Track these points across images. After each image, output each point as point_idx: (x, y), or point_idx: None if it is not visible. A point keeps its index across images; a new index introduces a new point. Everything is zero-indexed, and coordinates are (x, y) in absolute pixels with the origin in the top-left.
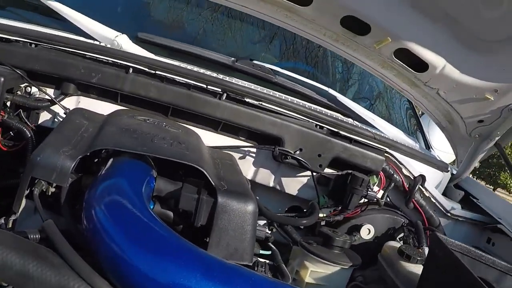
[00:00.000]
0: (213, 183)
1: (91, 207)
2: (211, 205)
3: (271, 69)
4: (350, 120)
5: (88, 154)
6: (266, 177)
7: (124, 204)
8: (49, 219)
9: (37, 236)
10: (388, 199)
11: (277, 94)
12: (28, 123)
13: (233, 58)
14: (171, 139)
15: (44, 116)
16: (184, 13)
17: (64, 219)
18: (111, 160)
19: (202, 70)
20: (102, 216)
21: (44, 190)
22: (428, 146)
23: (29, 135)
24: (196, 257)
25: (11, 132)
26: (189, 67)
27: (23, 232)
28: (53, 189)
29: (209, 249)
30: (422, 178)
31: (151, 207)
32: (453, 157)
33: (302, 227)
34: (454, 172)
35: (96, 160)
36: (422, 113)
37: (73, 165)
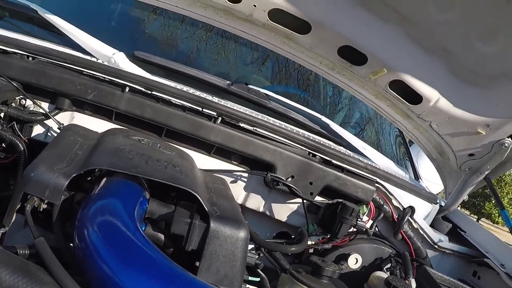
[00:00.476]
0: (206, 208)
1: (83, 226)
2: (203, 230)
3: (266, 94)
4: (342, 149)
5: (82, 172)
6: (257, 202)
7: (116, 225)
8: (40, 236)
9: (26, 251)
10: (377, 229)
11: (271, 120)
12: (21, 136)
13: (228, 82)
14: (166, 161)
15: (38, 130)
16: (179, 32)
17: (55, 236)
18: (104, 179)
19: (197, 92)
20: (94, 236)
21: (36, 206)
22: (417, 176)
23: (22, 148)
24: (186, 283)
25: (3, 144)
26: (185, 88)
27: (13, 247)
28: (44, 206)
29: (198, 274)
30: (411, 209)
31: (143, 228)
32: (441, 188)
33: (289, 253)
34: (443, 203)
35: (89, 178)
36: (412, 142)
37: (66, 183)
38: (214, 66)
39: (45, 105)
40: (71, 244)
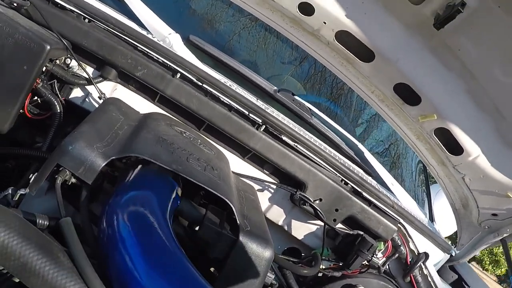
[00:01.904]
0: (238, 221)
1: (113, 213)
2: (231, 242)
3: (309, 108)
4: (371, 180)
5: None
6: (278, 215)
7: (149, 220)
8: (66, 211)
9: (45, 222)
10: (387, 267)
11: (312, 138)
12: (59, 96)
13: (275, 87)
14: (205, 161)
15: (77, 93)
16: (236, 26)
17: (80, 216)
18: (140, 167)
19: (243, 91)
20: (123, 226)
21: (66, 179)
22: (432, 218)
23: (58, 109)
24: None
25: (39, 100)
26: (234, 86)
27: (32, 215)
28: (74, 180)
29: (216, 283)
30: (426, 256)
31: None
32: (448, 233)
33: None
34: (453, 253)
35: (124, 160)
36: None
37: (103, 165)
38: (252, 62)
39: (89, 70)
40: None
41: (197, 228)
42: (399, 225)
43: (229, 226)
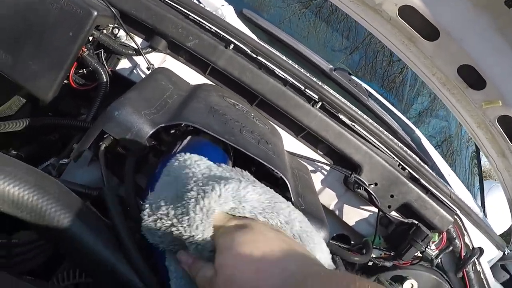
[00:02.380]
0: (292, 198)
1: None
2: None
3: (366, 89)
4: (426, 167)
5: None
6: (329, 199)
7: None
8: (109, 182)
9: (90, 192)
10: (440, 261)
11: (369, 121)
12: (106, 66)
13: (331, 66)
14: (259, 135)
15: (124, 64)
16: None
17: (125, 186)
18: (189, 137)
19: (298, 67)
20: None
21: (111, 147)
22: (484, 213)
23: (105, 79)
24: None
25: (84, 70)
26: (289, 61)
27: (74, 184)
28: (119, 149)
29: None
30: (480, 251)
31: None
32: (499, 231)
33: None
34: (507, 251)
35: (172, 131)
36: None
37: (151, 132)
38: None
39: (138, 40)
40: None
41: None
42: (455, 216)
43: None
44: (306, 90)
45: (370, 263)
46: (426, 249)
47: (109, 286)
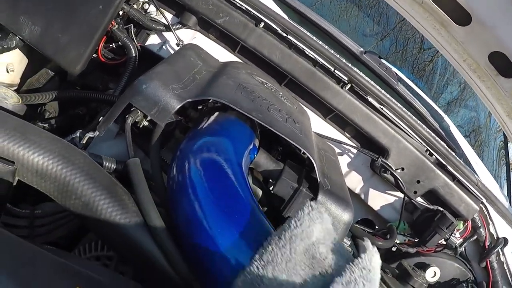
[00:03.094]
0: (318, 178)
1: (185, 158)
2: (308, 200)
3: (396, 73)
4: (453, 154)
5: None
6: (355, 182)
7: (223, 167)
8: (135, 156)
9: (112, 165)
10: (464, 249)
11: (398, 105)
12: (135, 41)
13: (361, 49)
14: (287, 114)
15: (153, 40)
16: None
17: (150, 160)
18: (217, 114)
19: (328, 48)
20: (195, 172)
21: (137, 121)
22: (510, 204)
23: (134, 54)
24: None
25: (113, 45)
26: (319, 42)
27: (99, 157)
28: (146, 123)
29: None
30: (505, 241)
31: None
32: None
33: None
34: None
35: (199, 107)
36: None
37: (178, 107)
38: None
39: (168, 16)
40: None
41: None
42: (481, 205)
43: (308, 184)
44: (336, 71)
45: (394, 249)
46: (451, 237)
47: (132, 259)
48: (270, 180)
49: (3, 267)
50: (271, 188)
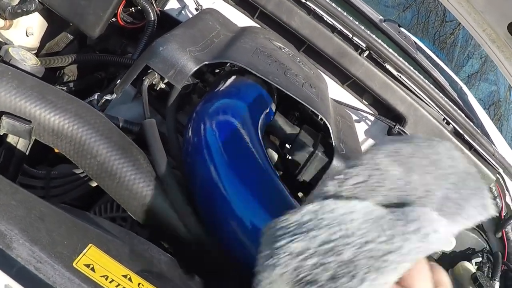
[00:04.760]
0: (333, 143)
1: (201, 120)
2: (323, 164)
3: (415, 42)
4: (471, 123)
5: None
6: None
7: (238, 129)
8: (151, 118)
9: (129, 126)
10: None
11: (416, 73)
12: (154, 5)
13: (381, 17)
14: (304, 78)
15: (172, 4)
16: None
17: (166, 122)
18: (233, 77)
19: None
20: (210, 134)
21: (154, 83)
22: None
23: (153, 18)
24: None
25: (132, 9)
26: (338, 9)
27: (116, 119)
28: (163, 85)
29: None
30: None
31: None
32: None
33: None
34: None
35: (216, 70)
36: None
37: (195, 69)
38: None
39: None
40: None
41: (288, 148)
42: (497, 175)
43: (323, 148)
44: (354, 38)
45: None
46: None
47: (146, 220)
48: (286, 145)
49: (15, 222)
50: (286, 152)
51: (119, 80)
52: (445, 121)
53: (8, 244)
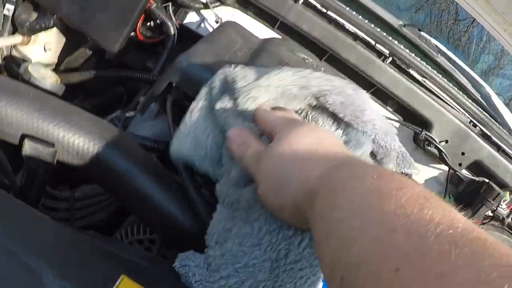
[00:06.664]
0: None
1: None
2: None
3: (436, 45)
4: (496, 124)
5: None
6: None
7: None
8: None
9: (153, 145)
10: (511, 220)
11: (439, 77)
12: (174, 19)
13: (401, 22)
14: None
15: (192, 18)
16: None
17: None
18: None
19: (369, 24)
20: None
21: (177, 100)
22: None
23: (173, 32)
24: None
25: (152, 23)
26: (359, 17)
27: (139, 137)
28: (187, 102)
29: None
30: None
31: None
32: None
33: None
34: None
35: None
36: None
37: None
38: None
39: None
40: None
41: None
42: None
43: None
44: (377, 45)
45: None
46: (497, 208)
47: (176, 242)
48: None
49: (44, 256)
50: None
51: (141, 96)
52: (472, 123)
53: (39, 280)
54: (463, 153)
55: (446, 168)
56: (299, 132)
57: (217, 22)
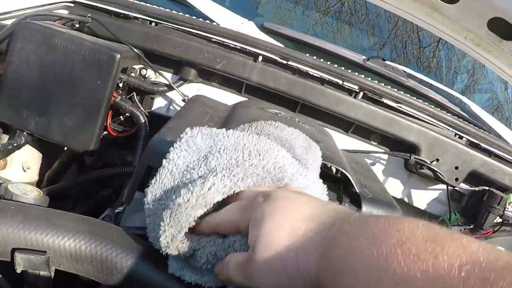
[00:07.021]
0: (357, 190)
1: None
2: None
3: (404, 71)
4: (482, 131)
5: None
6: (395, 188)
7: None
8: None
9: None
10: None
11: (415, 98)
12: (141, 107)
13: (364, 57)
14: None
15: (159, 102)
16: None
17: None
18: None
19: (333, 65)
20: None
21: None
22: None
23: (143, 120)
24: None
25: (121, 117)
26: (321, 60)
27: (132, 228)
28: None
29: None
30: None
31: None
32: None
33: None
34: None
35: None
36: None
37: None
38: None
39: (168, 76)
40: None
41: None
42: None
43: (348, 199)
44: (345, 83)
45: None
46: (504, 212)
47: None
48: None
49: None
50: None
51: (126, 189)
52: (457, 136)
53: None
54: (456, 167)
55: (444, 186)
56: (269, 223)
57: (184, 100)
